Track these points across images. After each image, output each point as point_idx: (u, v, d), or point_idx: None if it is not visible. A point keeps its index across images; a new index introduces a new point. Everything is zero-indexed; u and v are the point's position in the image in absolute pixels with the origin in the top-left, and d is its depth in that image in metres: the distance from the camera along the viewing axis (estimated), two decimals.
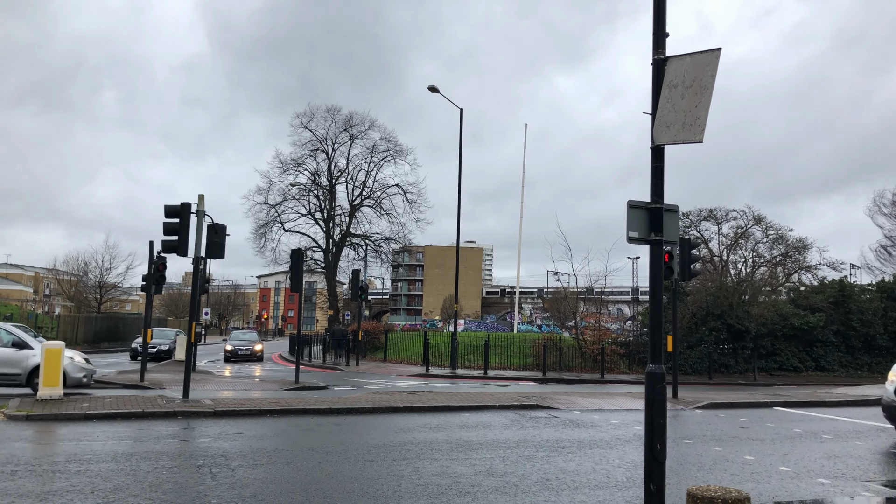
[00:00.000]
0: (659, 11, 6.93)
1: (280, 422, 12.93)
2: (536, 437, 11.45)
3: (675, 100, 6.58)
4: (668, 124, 6.60)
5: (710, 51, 6.52)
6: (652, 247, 6.91)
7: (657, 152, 6.76)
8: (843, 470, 9.50)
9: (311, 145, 51.83)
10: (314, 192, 52.50)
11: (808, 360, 32.30)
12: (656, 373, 6.52)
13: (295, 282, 21.72)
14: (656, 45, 6.83)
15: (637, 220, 6.80)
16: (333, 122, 51.77)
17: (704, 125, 6.38)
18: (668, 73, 6.71)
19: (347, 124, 51.84)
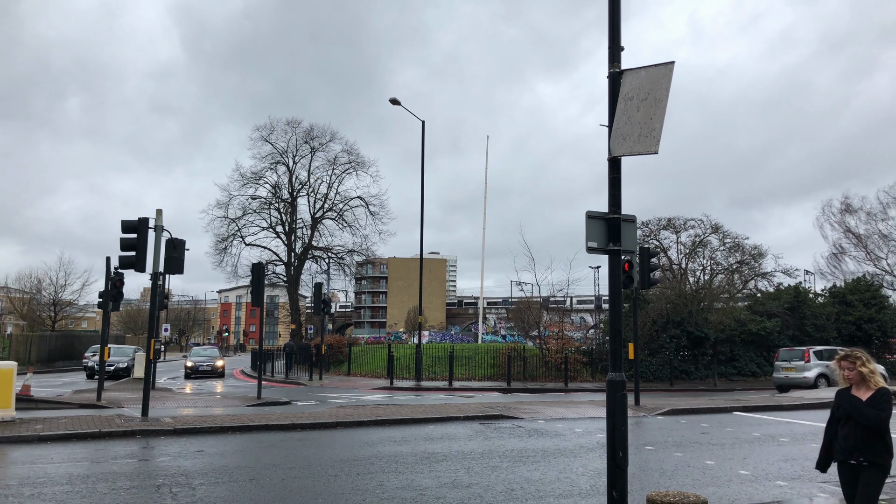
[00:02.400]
0: (614, 26, 7.08)
1: (242, 438, 12.75)
2: (501, 448, 11.48)
3: (630, 112, 6.72)
4: (625, 136, 6.73)
5: (664, 64, 6.68)
6: (610, 256, 7.01)
7: (614, 164, 6.88)
8: (799, 472, 9.72)
9: (271, 158, 51.46)
10: (275, 206, 52.08)
11: (765, 364, 33.00)
12: (617, 381, 6.60)
13: (256, 296, 21.48)
14: (612, 58, 6.97)
15: (596, 231, 6.90)
16: (294, 135, 51.51)
17: (659, 136, 6.52)
18: (624, 85, 6.85)
19: (308, 136, 51.61)
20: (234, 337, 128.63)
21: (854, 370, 5.26)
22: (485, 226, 49.01)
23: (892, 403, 5.00)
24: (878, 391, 5.14)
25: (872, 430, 5.05)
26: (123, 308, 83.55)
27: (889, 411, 4.98)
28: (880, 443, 5.08)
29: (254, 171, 51.00)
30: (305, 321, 61.60)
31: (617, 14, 7.10)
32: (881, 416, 5.02)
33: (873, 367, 5.25)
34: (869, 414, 5.04)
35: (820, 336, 34.09)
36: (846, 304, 35.23)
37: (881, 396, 5.11)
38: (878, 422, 5.02)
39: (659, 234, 35.31)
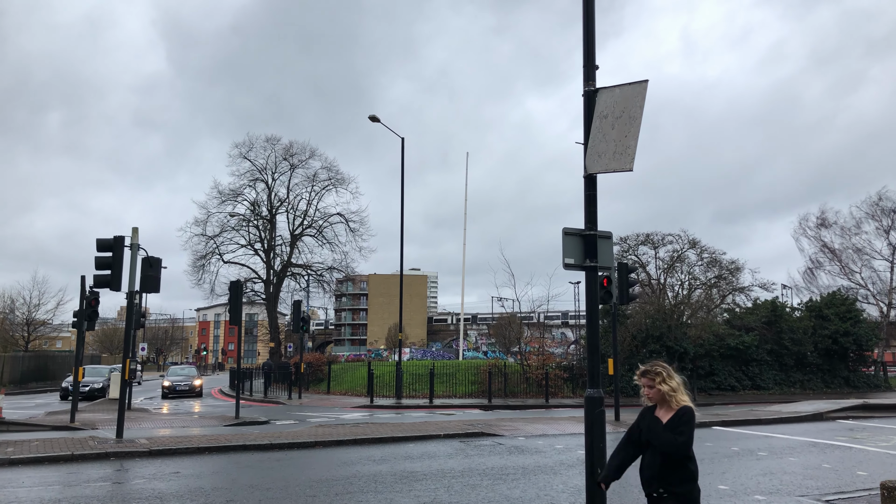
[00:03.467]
0: (588, 46, 7.17)
1: (219, 459, 12.57)
2: (481, 466, 11.42)
3: (605, 130, 6.78)
4: (600, 154, 6.79)
5: (638, 82, 6.76)
6: (587, 273, 7.05)
7: (590, 181, 6.93)
8: (778, 486, 9.76)
9: (250, 175, 51.22)
10: (254, 223, 51.74)
11: (744, 378, 33.23)
12: (595, 397, 6.61)
13: (234, 315, 21.28)
14: (586, 77, 7.05)
15: (573, 247, 6.95)
16: (273, 152, 51.33)
17: (634, 154, 6.59)
18: (599, 104, 6.92)
19: (288, 153, 51.46)
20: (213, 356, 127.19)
21: (654, 387, 4.58)
22: (465, 242, 49.14)
23: (693, 425, 4.38)
24: (678, 412, 4.43)
25: (670, 458, 4.36)
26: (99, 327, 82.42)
27: (688, 434, 4.33)
28: (680, 471, 4.39)
29: (232, 189, 50.75)
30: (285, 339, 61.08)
31: (591, 34, 7.19)
32: (677, 442, 4.31)
33: (676, 383, 4.57)
34: (664, 438, 4.36)
35: (797, 350, 34.43)
36: (822, 317, 35.64)
37: (680, 418, 4.40)
38: (675, 447, 4.31)
39: (637, 250, 35.56)
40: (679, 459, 4.37)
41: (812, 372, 35.03)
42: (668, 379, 4.54)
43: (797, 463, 11.82)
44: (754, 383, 33.29)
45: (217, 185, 50.91)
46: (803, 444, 14.32)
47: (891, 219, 45.21)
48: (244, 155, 50.73)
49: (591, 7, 7.23)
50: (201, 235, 49.85)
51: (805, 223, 48.88)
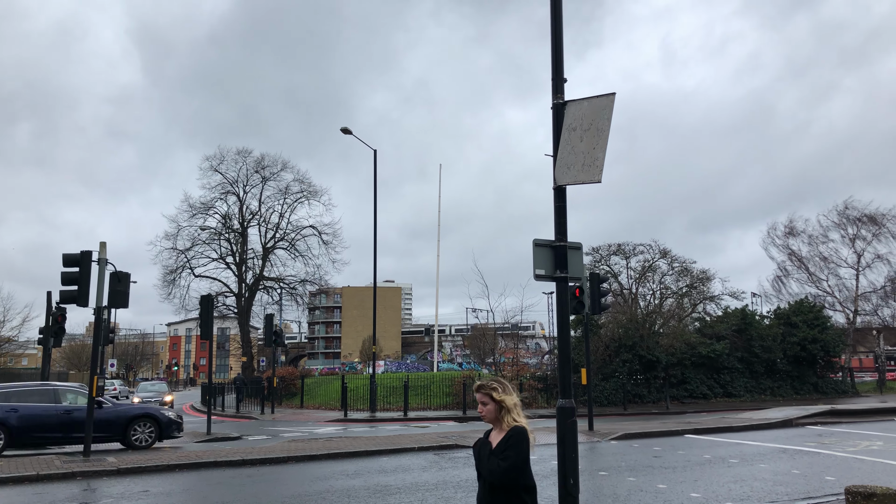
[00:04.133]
0: (557, 58, 7.24)
1: (190, 476, 12.37)
2: (456, 478, 11.38)
3: (574, 142, 6.85)
4: (569, 165, 6.85)
5: (606, 95, 6.84)
6: (558, 284, 7.10)
7: (559, 193, 6.99)
8: (748, 493, 9.86)
9: (221, 188, 50.86)
10: (225, 236, 51.33)
11: (716, 386, 33.59)
12: (566, 407, 6.64)
13: (205, 329, 21.04)
14: (555, 90, 7.11)
15: (543, 258, 6.99)
16: (245, 164, 51.05)
17: (602, 166, 6.66)
18: (568, 116, 6.99)
19: (259, 166, 51.21)
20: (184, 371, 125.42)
21: (489, 403, 3.97)
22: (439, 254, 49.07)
23: (526, 448, 3.78)
24: (507, 433, 3.85)
25: (499, 488, 3.78)
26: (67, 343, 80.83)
27: (514, 459, 3.73)
28: (512, 502, 3.80)
29: (203, 202, 50.34)
30: (257, 353, 60.48)
31: (559, 48, 7.26)
32: (502, 468, 3.73)
33: (513, 401, 3.98)
34: (489, 465, 3.81)
35: (767, 357, 34.91)
36: (791, 325, 36.20)
37: (508, 440, 3.82)
38: (498, 475, 3.75)
39: (609, 260, 35.86)
40: (511, 489, 3.77)
41: (782, 379, 35.54)
42: (503, 394, 3.97)
43: (767, 469, 11.96)
44: (726, 391, 33.66)
45: (188, 198, 50.47)
46: (773, 450, 14.50)
47: (856, 227, 46.16)
48: (215, 168, 50.40)
49: (558, 21, 7.31)
50: (172, 249, 49.37)
51: (773, 232, 49.70)
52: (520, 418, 3.93)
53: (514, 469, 3.75)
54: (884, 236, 45.48)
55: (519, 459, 3.76)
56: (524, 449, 3.80)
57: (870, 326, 49.27)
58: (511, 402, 3.95)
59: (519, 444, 3.79)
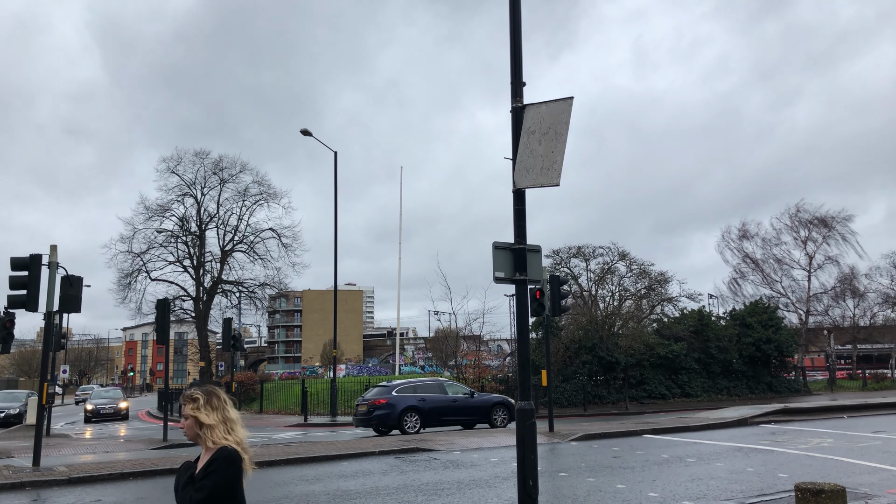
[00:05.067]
0: (516, 63, 7.27)
1: (144, 485, 12.10)
2: (416, 481, 11.34)
3: (533, 146, 6.88)
4: (528, 169, 6.88)
5: (564, 99, 6.90)
6: (518, 286, 7.12)
7: (518, 196, 7.02)
8: (705, 491, 10.02)
9: (178, 190, 49.95)
10: (182, 239, 50.43)
11: (674, 387, 34.14)
12: (526, 409, 6.66)
13: (161, 333, 20.63)
14: (514, 93, 7.15)
15: (503, 261, 7.01)
16: (202, 166, 50.23)
17: (561, 169, 6.70)
18: (526, 120, 7.02)
19: (217, 168, 50.44)
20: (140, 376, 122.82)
21: (189, 419, 3.31)
22: (400, 257, 49.06)
23: (231, 473, 3.13)
24: (213, 455, 3.20)
25: None
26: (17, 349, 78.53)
27: (217, 488, 3.08)
28: None
29: (160, 204, 49.37)
30: (216, 358, 59.56)
31: (518, 52, 7.30)
32: (195, 500, 3.08)
33: (218, 417, 3.30)
34: (183, 496, 3.17)
35: (723, 358, 35.60)
36: (746, 325, 36.99)
37: (209, 465, 3.16)
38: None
39: (569, 262, 36.21)
40: None
41: (737, 378, 36.28)
42: (204, 408, 3.28)
43: (723, 468, 12.17)
44: (683, 391, 34.23)
45: (144, 200, 49.47)
46: (729, 449, 14.77)
47: (808, 230, 47.40)
48: (172, 169, 49.50)
49: (517, 26, 7.35)
50: (127, 252, 48.31)
51: (728, 235, 50.74)
52: (230, 436, 3.26)
53: (210, 501, 3.06)
54: (833, 239, 46.80)
55: (218, 489, 3.08)
56: (229, 475, 3.12)
57: (821, 326, 50.62)
58: (215, 419, 3.26)
59: (221, 469, 3.11)
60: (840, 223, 46.86)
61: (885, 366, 52.26)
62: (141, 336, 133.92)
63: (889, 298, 49.68)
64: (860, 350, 53.60)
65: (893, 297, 49.50)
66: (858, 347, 52.58)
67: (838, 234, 46.70)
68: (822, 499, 5.00)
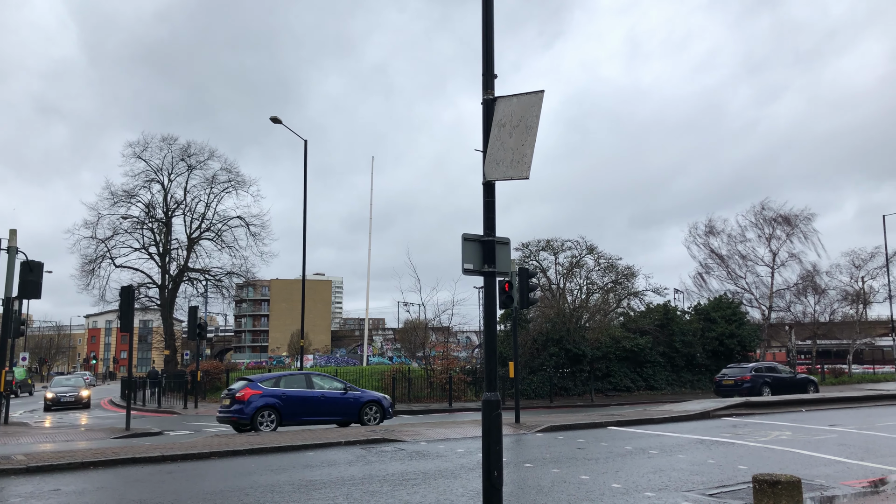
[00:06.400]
0: (487, 54, 7.26)
1: (105, 474, 11.91)
2: (382, 472, 11.34)
3: (503, 138, 6.89)
4: (498, 161, 6.89)
5: (535, 92, 6.91)
6: (486, 278, 7.14)
7: (488, 188, 7.03)
8: (667, 483, 10.17)
9: (145, 176, 49.15)
10: (148, 226, 49.66)
11: (639, 380, 34.61)
12: (492, 400, 6.69)
13: (125, 321, 20.29)
14: (485, 85, 7.14)
15: (471, 253, 7.01)
16: (170, 152, 49.47)
17: (530, 162, 6.72)
18: (497, 112, 7.03)
19: (185, 154, 49.71)
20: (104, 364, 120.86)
21: None
22: (370, 247, 48.94)
23: None
24: None
25: None
26: None
27: None
28: None
29: (125, 189, 48.54)
30: (181, 346, 58.86)
31: (490, 44, 7.29)
32: None
33: None
34: None
35: (687, 352, 36.16)
36: (710, 320, 37.61)
37: None
38: None
39: (538, 256, 36.44)
40: None
41: (701, 372, 36.89)
42: None
43: (685, 460, 12.37)
44: (648, 384, 34.72)
45: (109, 185, 48.57)
46: (691, 441, 15.02)
47: (772, 227, 48.30)
48: (138, 154, 48.68)
49: (489, 17, 7.33)
50: (91, 238, 47.44)
51: (695, 231, 51.51)
52: None
53: None
54: (797, 236, 47.79)
55: None
56: None
57: (783, 322, 51.70)
58: None
59: None
60: (803, 221, 47.88)
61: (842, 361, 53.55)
62: (104, 324, 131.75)
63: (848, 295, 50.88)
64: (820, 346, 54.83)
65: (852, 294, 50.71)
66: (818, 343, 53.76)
67: (801, 232, 47.73)
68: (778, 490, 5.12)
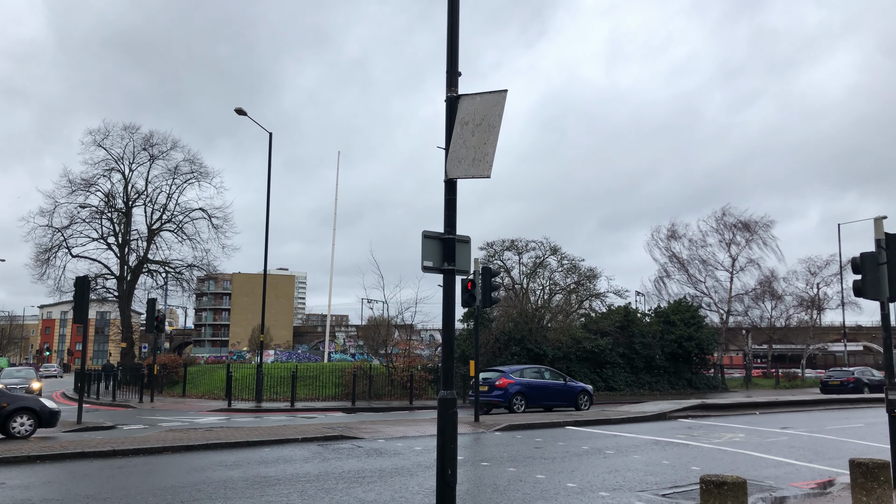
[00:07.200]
0: (452, 52, 7.24)
1: (53, 468, 11.62)
2: (338, 469, 11.26)
3: (466, 136, 6.88)
4: (460, 159, 6.87)
5: (498, 92, 6.91)
6: (445, 276, 7.12)
7: (450, 185, 7.01)
8: (621, 482, 10.29)
9: (105, 164, 48.04)
10: (108, 215, 48.59)
11: (598, 380, 34.94)
12: (448, 398, 6.68)
13: (79, 312, 19.85)
14: (449, 83, 7.12)
15: (431, 250, 6.99)
16: (132, 141, 48.44)
17: (492, 161, 6.72)
18: (461, 110, 7.01)
19: (147, 143, 48.74)
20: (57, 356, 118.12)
21: None
22: (334, 242, 48.54)
23: None
24: None
25: None
26: None
27: None
28: None
29: (84, 178, 47.37)
30: (139, 339, 57.85)
31: (455, 41, 7.27)
32: None
33: None
34: None
35: (647, 353, 36.64)
36: (669, 323, 38.17)
37: None
38: None
39: (503, 255, 36.60)
40: None
41: (659, 374, 37.43)
42: None
43: (640, 460, 12.52)
44: (608, 384, 35.08)
45: (67, 173, 47.36)
46: (647, 442, 15.21)
47: (732, 233, 49.23)
48: (99, 143, 47.57)
49: (455, 15, 7.31)
50: (47, 227, 46.26)
51: (657, 234, 52.25)
52: None
53: None
54: (756, 242, 48.78)
55: None
56: None
57: (740, 326, 52.74)
58: None
59: None
60: (762, 228, 48.90)
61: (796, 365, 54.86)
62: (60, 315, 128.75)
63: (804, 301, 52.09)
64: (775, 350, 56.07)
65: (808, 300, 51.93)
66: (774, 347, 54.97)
67: (760, 239, 48.74)
68: (724, 490, 5.20)
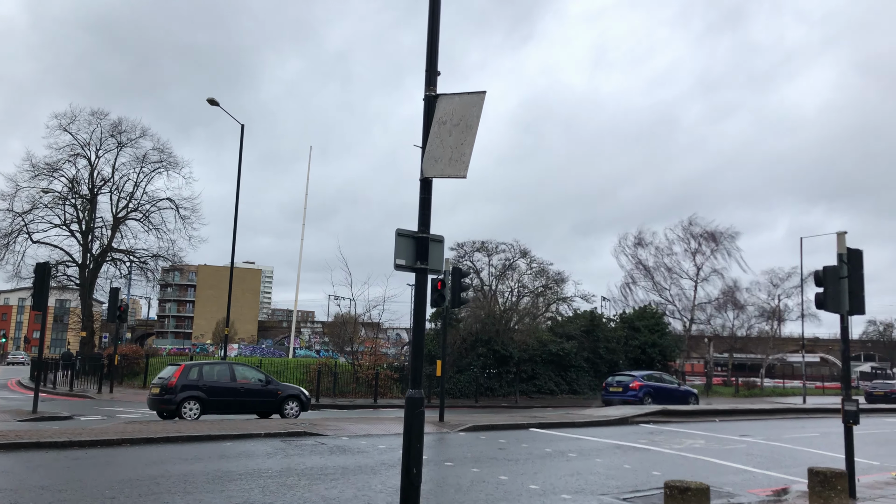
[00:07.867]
0: (432, 51, 7.23)
1: (6, 458, 11.34)
2: (301, 466, 11.18)
3: (443, 136, 6.87)
4: (437, 159, 6.86)
5: (477, 93, 6.91)
6: (418, 274, 7.10)
7: (425, 185, 6.99)
8: (583, 485, 10.37)
9: (70, 149, 46.92)
10: (71, 202, 47.55)
11: (563, 383, 35.22)
12: (415, 398, 6.67)
13: (38, 299, 19.38)
14: (428, 82, 7.11)
15: (405, 248, 6.97)
16: (99, 127, 47.39)
17: (468, 162, 6.72)
18: (439, 109, 7.00)
19: (116, 130, 47.73)
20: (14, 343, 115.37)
21: None
22: (303, 237, 48.19)
23: None
24: None
25: None
26: None
27: None
28: None
29: (48, 162, 46.25)
30: (100, 329, 56.74)
31: (435, 40, 7.26)
32: None
33: None
34: None
35: (611, 358, 37.01)
36: (634, 329, 38.61)
37: None
38: None
39: (473, 256, 36.67)
40: None
41: None
42: None
43: (602, 464, 12.64)
44: (572, 388, 35.36)
45: (30, 156, 46.18)
46: (609, 446, 15.36)
47: (698, 243, 49.97)
48: (64, 127, 46.42)
49: (436, 14, 7.30)
50: (7, 211, 45.11)
51: (625, 241, 52.81)
52: None
53: None
54: (720, 252, 49.58)
55: None
56: None
57: (703, 334, 53.58)
58: None
59: None
60: (727, 238, 49.73)
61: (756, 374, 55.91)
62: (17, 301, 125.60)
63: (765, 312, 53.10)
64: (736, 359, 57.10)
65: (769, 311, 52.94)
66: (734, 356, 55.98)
67: (725, 249, 49.54)
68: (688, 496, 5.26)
